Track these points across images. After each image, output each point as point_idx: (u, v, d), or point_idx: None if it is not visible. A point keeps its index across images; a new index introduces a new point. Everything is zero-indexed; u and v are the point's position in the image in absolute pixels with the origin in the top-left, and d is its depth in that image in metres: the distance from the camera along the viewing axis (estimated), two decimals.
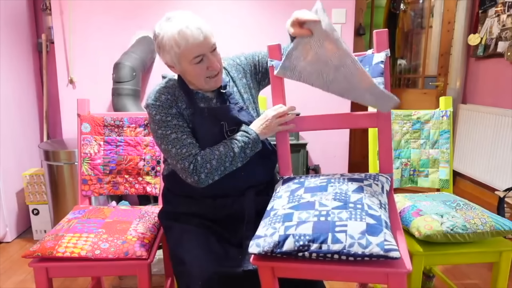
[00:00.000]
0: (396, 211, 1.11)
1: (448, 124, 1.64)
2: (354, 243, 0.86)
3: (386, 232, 0.87)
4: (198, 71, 1.13)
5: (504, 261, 1.33)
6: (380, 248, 0.84)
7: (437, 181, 1.66)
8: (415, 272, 1.30)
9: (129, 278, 1.97)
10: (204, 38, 1.09)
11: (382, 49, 1.15)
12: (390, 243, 0.85)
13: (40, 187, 2.42)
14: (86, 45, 2.58)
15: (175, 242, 1.21)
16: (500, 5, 2.79)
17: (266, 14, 2.62)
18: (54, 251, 1.20)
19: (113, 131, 1.64)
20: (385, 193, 1.08)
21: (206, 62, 1.12)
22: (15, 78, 2.52)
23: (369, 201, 0.97)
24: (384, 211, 0.97)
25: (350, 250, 0.85)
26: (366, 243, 0.85)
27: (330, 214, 0.94)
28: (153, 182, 1.64)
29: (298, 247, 0.89)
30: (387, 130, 1.17)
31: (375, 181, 1.09)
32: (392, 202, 1.13)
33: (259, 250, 0.92)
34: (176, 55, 1.11)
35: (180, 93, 1.19)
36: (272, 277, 0.97)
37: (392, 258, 0.83)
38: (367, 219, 0.90)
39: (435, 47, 3.43)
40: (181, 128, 1.15)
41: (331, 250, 0.87)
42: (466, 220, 1.30)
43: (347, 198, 0.99)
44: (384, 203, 1.01)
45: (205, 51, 1.11)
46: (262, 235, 0.95)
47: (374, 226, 0.88)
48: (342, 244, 0.86)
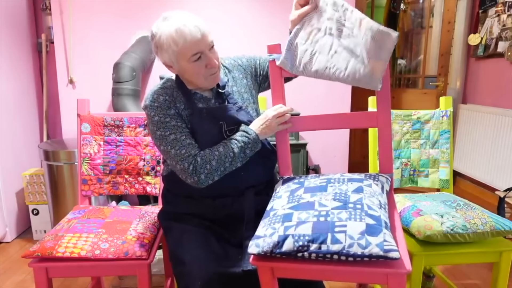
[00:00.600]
0: (396, 211, 1.11)
1: (448, 124, 1.64)
2: (353, 243, 0.86)
3: (386, 233, 0.87)
4: (197, 69, 1.13)
5: (504, 261, 1.32)
6: (380, 249, 0.84)
7: (437, 181, 1.66)
8: (415, 272, 1.30)
9: (129, 278, 1.97)
10: (202, 36, 1.09)
11: None
12: (389, 244, 0.85)
13: (40, 187, 2.42)
14: (86, 45, 2.58)
15: (175, 242, 1.21)
16: (500, 5, 2.79)
17: (266, 13, 2.62)
18: (54, 251, 1.20)
19: (113, 131, 1.64)
20: (385, 193, 1.08)
21: (205, 60, 1.12)
22: (15, 78, 2.52)
23: (369, 201, 0.97)
24: (384, 211, 0.97)
25: (349, 250, 0.85)
26: (366, 243, 0.85)
27: (329, 214, 0.93)
28: (153, 182, 1.64)
29: (297, 247, 0.89)
30: (387, 130, 1.16)
31: (375, 181, 1.09)
32: (392, 202, 1.13)
33: (258, 250, 0.92)
34: (174, 54, 1.11)
35: (178, 93, 1.19)
36: (272, 278, 0.97)
37: (392, 258, 0.83)
38: (366, 219, 0.90)
39: (435, 47, 3.43)
40: (180, 129, 1.15)
41: (331, 250, 0.87)
42: (466, 220, 1.30)
43: (347, 198, 0.98)
44: (384, 203, 1.01)
45: (203, 48, 1.11)
46: (262, 235, 0.94)
47: (373, 227, 0.88)
48: (341, 245, 0.86)
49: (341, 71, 1.10)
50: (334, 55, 1.10)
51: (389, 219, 0.97)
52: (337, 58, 1.10)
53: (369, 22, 1.06)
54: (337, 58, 1.10)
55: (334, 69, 1.11)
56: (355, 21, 1.08)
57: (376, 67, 1.06)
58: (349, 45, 1.09)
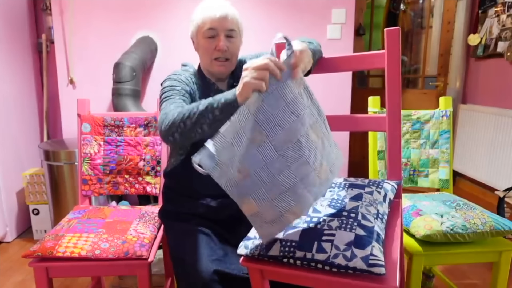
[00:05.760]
0: (400, 221, 1.04)
1: (448, 124, 1.64)
2: (338, 254, 0.83)
3: (375, 246, 0.83)
4: (207, 46, 1.20)
5: (504, 261, 1.33)
6: (364, 262, 0.80)
7: (437, 181, 1.66)
8: (415, 272, 1.30)
9: (129, 278, 1.97)
10: (222, 16, 1.16)
11: (395, 48, 1.01)
12: (375, 258, 0.81)
13: (40, 187, 2.42)
14: (86, 45, 2.58)
15: (176, 242, 1.21)
16: (500, 5, 2.79)
17: (272, 14, 2.62)
18: (54, 251, 1.20)
19: (113, 131, 1.64)
20: (386, 202, 1.00)
21: (217, 41, 1.18)
22: (16, 78, 2.52)
23: (365, 210, 0.93)
24: (380, 222, 0.92)
25: (334, 261, 0.82)
26: (351, 255, 0.82)
27: (320, 221, 0.91)
28: (153, 182, 1.64)
29: (283, 253, 0.87)
30: (397, 134, 1.08)
31: (377, 189, 1.02)
32: (396, 211, 1.06)
33: (246, 252, 0.92)
34: (194, 26, 1.21)
35: (198, 81, 1.26)
36: (261, 279, 0.96)
37: (376, 274, 0.79)
38: (357, 229, 0.86)
39: (435, 47, 3.44)
40: (183, 96, 1.17)
41: (315, 259, 0.84)
42: (466, 220, 1.30)
43: (342, 206, 0.95)
44: (382, 213, 0.95)
45: (218, 27, 1.17)
46: (252, 237, 0.94)
47: (363, 238, 0.84)
48: (326, 254, 0.84)
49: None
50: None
51: (384, 230, 0.92)
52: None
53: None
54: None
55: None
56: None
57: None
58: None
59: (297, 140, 0.82)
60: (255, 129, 0.80)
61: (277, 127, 0.81)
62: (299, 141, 0.83)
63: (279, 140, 0.81)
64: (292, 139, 0.82)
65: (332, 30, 2.59)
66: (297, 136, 0.82)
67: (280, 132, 0.81)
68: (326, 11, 2.55)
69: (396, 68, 1.04)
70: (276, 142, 0.81)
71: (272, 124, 0.81)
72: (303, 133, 0.83)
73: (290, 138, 0.82)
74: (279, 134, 0.82)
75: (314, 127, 0.87)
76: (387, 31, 1.02)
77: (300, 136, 0.83)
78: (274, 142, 0.81)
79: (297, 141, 0.82)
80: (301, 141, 0.83)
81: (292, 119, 0.82)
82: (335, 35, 2.60)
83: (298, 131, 0.83)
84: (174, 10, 2.55)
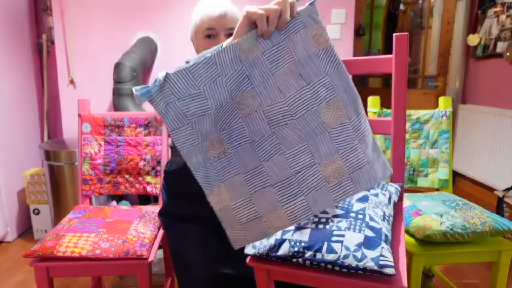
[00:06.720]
0: (402, 224, 1.06)
1: (448, 124, 1.65)
2: (349, 254, 0.83)
3: (384, 247, 0.84)
4: (207, 47, 1.14)
5: (503, 261, 1.33)
6: (375, 263, 0.81)
7: (436, 181, 1.66)
8: (415, 272, 1.30)
9: (130, 277, 1.98)
10: (220, 14, 1.12)
11: (403, 54, 0.99)
12: (386, 259, 0.81)
13: (40, 187, 2.43)
14: (86, 45, 2.59)
15: (176, 242, 1.21)
16: (499, 6, 2.80)
17: None
18: (54, 250, 1.21)
19: (113, 131, 1.64)
20: (391, 204, 1.02)
21: (216, 41, 1.13)
22: (16, 78, 2.52)
23: (372, 212, 0.93)
24: (387, 223, 0.93)
25: (344, 261, 0.83)
26: (361, 256, 0.82)
27: (329, 222, 0.91)
28: (153, 182, 1.64)
29: (292, 252, 0.87)
30: (401, 138, 1.08)
31: (382, 191, 1.03)
32: (400, 214, 1.08)
33: (254, 252, 0.91)
34: (193, 27, 1.18)
35: None
36: (268, 279, 0.96)
37: (386, 274, 0.80)
38: (366, 231, 0.87)
39: (434, 47, 3.44)
40: None
41: (325, 259, 0.85)
42: (466, 220, 1.30)
43: (349, 207, 0.95)
44: (388, 215, 0.96)
45: (217, 26, 1.13)
46: None
47: (372, 239, 0.85)
48: (336, 255, 0.84)
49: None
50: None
51: (391, 232, 0.93)
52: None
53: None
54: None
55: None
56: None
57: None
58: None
59: (301, 117, 0.59)
60: (246, 89, 0.57)
61: (277, 91, 0.58)
62: (303, 118, 0.59)
63: (276, 111, 0.58)
64: (294, 113, 0.59)
65: (332, 30, 2.60)
66: (301, 110, 0.58)
67: (280, 99, 0.58)
68: (326, 11, 2.56)
69: (403, 73, 1.04)
70: (272, 113, 0.58)
71: (271, 88, 0.57)
72: (312, 108, 0.59)
73: (292, 111, 0.58)
74: (278, 102, 0.58)
75: (333, 106, 0.59)
76: (396, 37, 1.01)
77: (307, 112, 0.59)
78: (269, 113, 0.58)
79: (301, 117, 0.59)
80: (307, 119, 0.59)
81: (300, 84, 0.58)
82: (335, 35, 2.60)
83: (305, 103, 0.58)
84: (174, 10, 2.56)
